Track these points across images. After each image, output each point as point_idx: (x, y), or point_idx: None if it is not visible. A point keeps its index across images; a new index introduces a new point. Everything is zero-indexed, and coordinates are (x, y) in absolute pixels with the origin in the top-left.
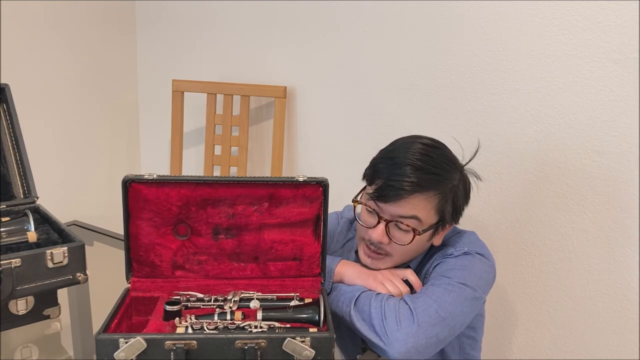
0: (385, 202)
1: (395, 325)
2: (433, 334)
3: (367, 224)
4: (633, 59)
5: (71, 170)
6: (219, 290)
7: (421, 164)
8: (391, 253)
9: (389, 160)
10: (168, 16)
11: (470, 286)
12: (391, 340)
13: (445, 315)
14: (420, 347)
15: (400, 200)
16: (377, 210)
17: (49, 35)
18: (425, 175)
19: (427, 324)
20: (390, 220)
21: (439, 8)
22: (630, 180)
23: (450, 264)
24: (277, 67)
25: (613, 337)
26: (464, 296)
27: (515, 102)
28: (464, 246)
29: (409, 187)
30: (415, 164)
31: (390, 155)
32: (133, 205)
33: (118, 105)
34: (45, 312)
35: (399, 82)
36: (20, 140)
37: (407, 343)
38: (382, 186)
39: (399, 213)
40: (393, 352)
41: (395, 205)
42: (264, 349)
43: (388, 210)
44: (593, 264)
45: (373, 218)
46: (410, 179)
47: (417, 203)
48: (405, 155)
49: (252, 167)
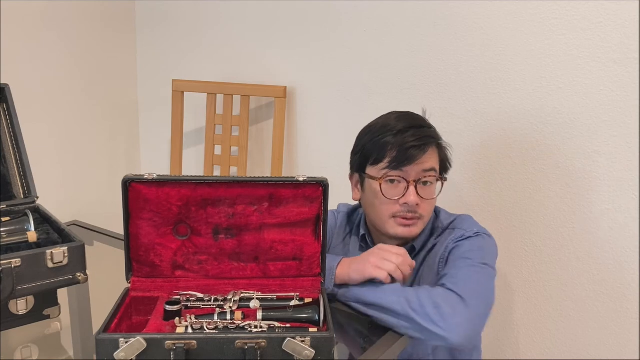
0: (410, 163)
1: (452, 312)
2: (482, 312)
3: (398, 193)
4: (633, 59)
5: (71, 170)
6: (219, 290)
7: (418, 123)
8: (423, 214)
9: (388, 132)
10: (168, 16)
11: (490, 265)
12: (451, 326)
13: (485, 294)
14: (477, 328)
15: (423, 156)
16: (403, 176)
17: (49, 35)
18: (427, 130)
19: (475, 305)
20: (417, 179)
21: (439, 8)
22: (630, 180)
23: (467, 246)
24: (277, 67)
25: (613, 337)
26: (490, 275)
27: (515, 102)
28: (472, 227)
29: (425, 141)
30: (414, 124)
31: (384, 130)
32: (133, 205)
33: (118, 105)
34: (45, 312)
35: (399, 82)
36: (20, 140)
37: (466, 327)
38: (402, 151)
39: (422, 168)
40: (455, 338)
41: (418, 163)
42: (264, 348)
43: (413, 170)
44: (593, 264)
45: (399, 187)
46: (422, 135)
47: (431, 155)
48: (400, 122)
49: (252, 167)
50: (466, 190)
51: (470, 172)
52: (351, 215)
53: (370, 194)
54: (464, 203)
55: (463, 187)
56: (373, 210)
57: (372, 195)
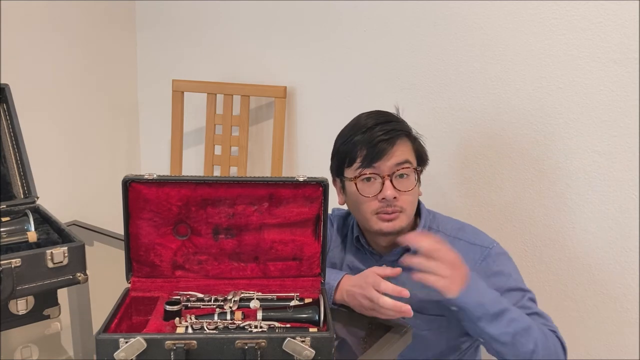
0: (380, 158)
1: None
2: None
3: (374, 190)
4: (633, 59)
5: (71, 170)
6: (219, 290)
7: (385, 118)
8: (404, 207)
9: (357, 133)
10: (168, 16)
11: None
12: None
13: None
14: None
15: (392, 149)
16: (376, 172)
17: (49, 35)
18: (395, 123)
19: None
20: (391, 173)
21: (439, 8)
22: (630, 180)
23: (509, 274)
24: (277, 67)
25: (613, 337)
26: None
27: (515, 102)
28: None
29: (392, 134)
30: (381, 120)
31: (354, 130)
32: (133, 205)
33: (118, 105)
34: (45, 312)
35: (399, 82)
36: (20, 140)
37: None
38: (370, 148)
39: (395, 162)
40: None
41: (389, 156)
42: (264, 349)
43: (385, 165)
44: (593, 264)
45: (375, 184)
46: (389, 129)
47: (403, 148)
48: (367, 121)
49: (252, 167)
50: (466, 190)
51: (470, 172)
52: (346, 219)
53: (351, 195)
54: (463, 203)
55: (463, 187)
56: (356, 210)
57: (353, 197)
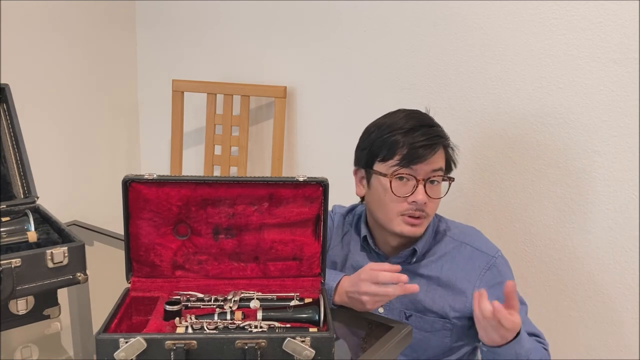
0: (421, 162)
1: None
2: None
3: (407, 191)
4: (633, 59)
5: (71, 170)
6: (219, 290)
7: (429, 121)
8: (429, 213)
9: (398, 130)
10: (168, 16)
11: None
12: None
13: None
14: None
15: (433, 155)
16: (413, 174)
17: (49, 35)
18: (438, 129)
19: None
20: (426, 178)
21: (439, 8)
22: (630, 180)
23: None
24: (277, 67)
25: (613, 337)
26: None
27: (515, 102)
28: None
29: (435, 140)
30: (426, 122)
31: (394, 128)
32: (133, 205)
33: (118, 105)
34: (45, 312)
35: (399, 82)
36: (20, 140)
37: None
38: (412, 149)
39: (432, 168)
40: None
41: (428, 161)
42: (264, 349)
43: (423, 169)
44: (593, 264)
45: (408, 185)
46: (434, 134)
47: (440, 155)
48: (410, 121)
49: (252, 167)
50: (466, 190)
51: (470, 172)
52: (346, 216)
53: (378, 190)
54: (464, 203)
55: (463, 187)
56: (379, 206)
57: (379, 192)
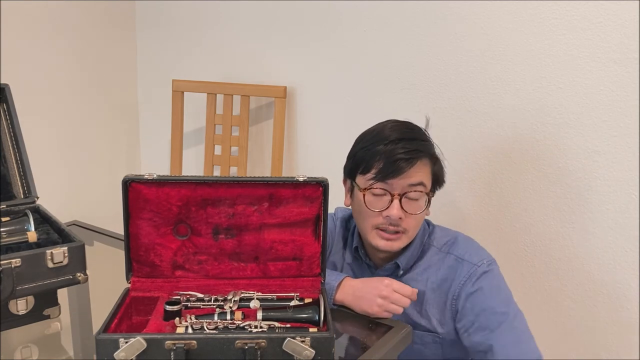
0: (395, 176)
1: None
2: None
3: (381, 206)
4: (633, 59)
5: (71, 170)
6: (219, 290)
7: (411, 134)
8: (407, 229)
9: (380, 142)
10: (168, 16)
11: (514, 303)
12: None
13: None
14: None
15: (410, 170)
16: (388, 189)
17: (49, 35)
18: (420, 142)
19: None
20: (402, 193)
21: (439, 8)
22: (630, 180)
23: (487, 291)
24: (277, 67)
25: (613, 337)
26: (522, 319)
27: (515, 102)
28: (477, 255)
29: (414, 154)
30: (407, 135)
31: (377, 139)
32: (133, 205)
33: (118, 105)
34: (45, 312)
35: (399, 82)
36: (20, 140)
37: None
38: (388, 163)
39: (409, 182)
40: None
41: (405, 176)
42: (264, 349)
43: (398, 184)
44: (593, 264)
45: (383, 199)
46: (412, 148)
47: (420, 169)
48: (392, 133)
49: (252, 167)
50: (466, 190)
51: (470, 172)
52: (347, 222)
53: (357, 203)
54: (464, 204)
55: (463, 187)
56: (359, 219)
57: (360, 204)
